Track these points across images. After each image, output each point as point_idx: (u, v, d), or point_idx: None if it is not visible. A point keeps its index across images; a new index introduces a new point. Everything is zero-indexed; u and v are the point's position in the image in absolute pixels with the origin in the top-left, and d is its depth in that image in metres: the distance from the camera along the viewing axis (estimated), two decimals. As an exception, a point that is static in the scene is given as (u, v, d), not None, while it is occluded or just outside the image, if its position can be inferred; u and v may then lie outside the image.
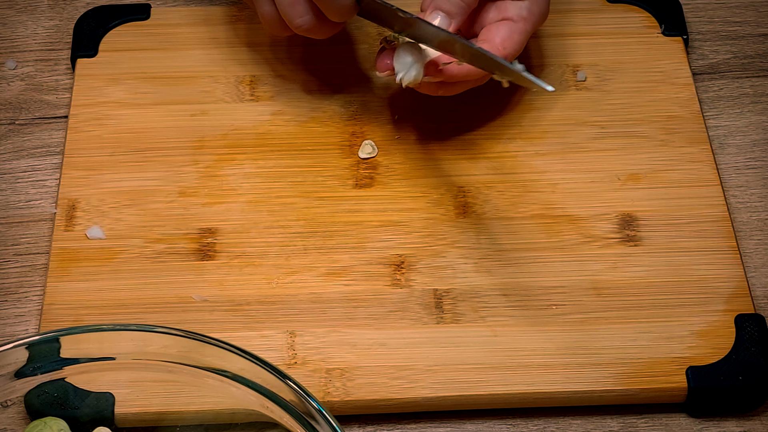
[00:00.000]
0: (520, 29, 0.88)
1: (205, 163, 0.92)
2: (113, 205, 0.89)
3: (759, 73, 0.98)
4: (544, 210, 0.89)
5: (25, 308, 0.86)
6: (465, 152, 0.92)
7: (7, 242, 0.89)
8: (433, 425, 0.82)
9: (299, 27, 0.87)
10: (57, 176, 0.92)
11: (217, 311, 0.84)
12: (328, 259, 0.87)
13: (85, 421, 0.78)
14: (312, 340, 0.83)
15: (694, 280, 0.85)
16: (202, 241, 0.88)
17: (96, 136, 0.93)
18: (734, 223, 0.89)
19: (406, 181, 0.90)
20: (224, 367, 0.73)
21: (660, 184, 0.90)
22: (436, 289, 0.85)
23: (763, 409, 0.82)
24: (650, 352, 0.82)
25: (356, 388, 0.81)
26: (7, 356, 0.73)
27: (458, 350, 0.82)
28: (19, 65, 0.99)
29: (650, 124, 0.93)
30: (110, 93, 0.95)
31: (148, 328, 0.74)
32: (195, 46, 0.98)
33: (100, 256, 0.87)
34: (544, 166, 0.91)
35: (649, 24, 0.99)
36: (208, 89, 0.96)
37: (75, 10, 1.01)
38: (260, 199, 0.90)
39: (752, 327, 0.83)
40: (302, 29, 0.87)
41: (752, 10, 1.02)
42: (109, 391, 0.79)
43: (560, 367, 0.82)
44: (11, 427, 0.78)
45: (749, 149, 0.94)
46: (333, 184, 0.90)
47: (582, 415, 0.82)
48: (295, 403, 0.72)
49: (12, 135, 0.95)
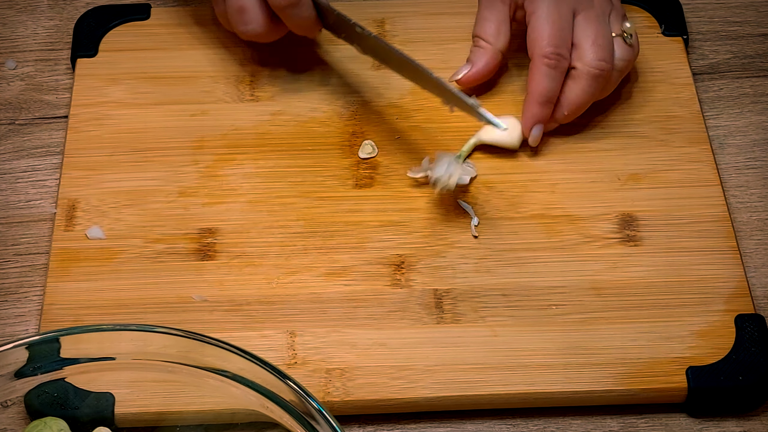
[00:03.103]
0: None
1: (205, 163, 0.92)
2: (113, 205, 0.89)
3: (759, 73, 0.98)
4: (544, 210, 0.89)
5: (25, 308, 0.86)
6: (465, 152, 0.92)
7: (7, 242, 0.89)
8: (433, 425, 0.82)
9: (243, 34, 0.91)
10: (57, 176, 0.92)
11: (217, 311, 0.84)
12: (328, 259, 0.87)
13: (85, 421, 0.78)
14: (312, 340, 0.83)
15: (694, 280, 0.85)
16: (202, 241, 0.88)
17: (96, 136, 0.93)
18: (734, 223, 0.89)
19: (406, 181, 0.90)
20: (224, 367, 0.73)
21: (660, 184, 0.90)
22: (436, 289, 0.85)
23: (763, 410, 0.82)
24: (650, 352, 0.82)
25: (356, 388, 0.81)
26: (7, 356, 0.73)
27: (458, 350, 0.82)
28: (19, 65, 0.99)
29: (650, 124, 0.93)
30: (110, 93, 0.95)
31: (148, 328, 0.74)
32: (195, 46, 0.98)
33: (100, 256, 0.87)
34: (544, 166, 0.91)
35: (649, 24, 0.99)
36: (208, 89, 0.96)
37: (75, 10, 1.01)
38: (260, 199, 0.90)
39: (752, 327, 0.83)
40: (245, 36, 0.91)
41: (752, 10, 1.02)
42: (109, 391, 0.79)
43: (560, 367, 0.82)
44: (11, 427, 0.78)
45: (749, 149, 0.94)
46: (333, 184, 0.90)
47: (582, 415, 0.82)
48: (295, 403, 0.72)
49: (12, 135, 0.95)
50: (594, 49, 0.89)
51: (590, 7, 0.90)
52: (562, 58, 0.89)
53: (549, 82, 0.89)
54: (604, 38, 0.90)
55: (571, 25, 0.90)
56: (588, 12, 0.90)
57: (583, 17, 0.90)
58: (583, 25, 0.90)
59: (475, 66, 0.92)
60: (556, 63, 0.89)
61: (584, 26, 0.90)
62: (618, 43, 0.91)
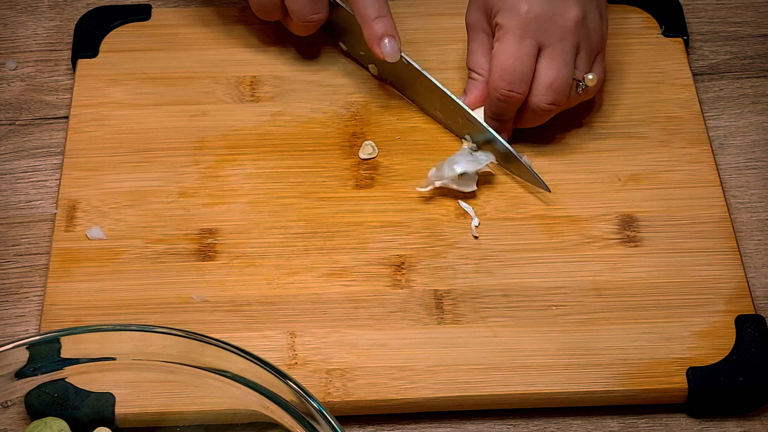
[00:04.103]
0: None
1: (205, 164, 0.92)
2: (114, 206, 0.89)
3: (759, 74, 0.98)
4: (544, 210, 0.89)
5: (25, 308, 0.86)
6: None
7: (7, 242, 0.89)
8: (433, 426, 0.82)
9: (310, 23, 0.92)
10: (57, 177, 0.92)
11: (217, 312, 0.84)
12: (329, 260, 0.87)
13: (86, 421, 0.78)
14: (312, 341, 0.83)
15: (695, 280, 0.85)
16: (202, 242, 0.88)
17: (96, 136, 0.93)
18: (734, 223, 0.89)
19: (407, 182, 0.90)
20: (224, 368, 0.73)
21: (660, 184, 0.90)
22: (436, 290, 0.85)
23: (763, 410, 0.82)
24: (651, 352, 0.82)
25: (357, 389, 0.81)
26: (8, 356, 0.73)
27: (459, 351, 0.82)
28: (19, 66, 0.99)
29: (650, 125, 0.93)
30: (111, 93, 0.95)
31: (149, 329, 0.74)
32: (195, 46, 0.98)
33: (100, 257, 0.87)
34: (545, 166, 0.91)
35: (649, 25, 0.99)
36: (208, 90, 0.96)
37: (75, 11, 1.01)
38: (261, 199, 0.90)
39: (753, 328, 0.83)
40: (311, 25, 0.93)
41: (752, 11, 1.02)
42: (110, 391, 0.79)
43: (561, 367, 0.82)
44: (11, 427, 0.78)
45: (749, 150, 0.94)
46: (333, 184, 0.90)
47: (582, 415, 0.82)
48: (295, 403, 0.72)
49: (12, 135, 0.95)
50: (547, 93, 0.87)
51: (560, 40, 0.87)
52: (515, 94, 0.87)
53: (499, 110, 0.89)
54: (561, 82, 0.87)
55: (533, 59, 0.87)
56: (554, 48, 0.87)
57: (548, 54, 0.87)
58: (545, 64, 0.87)
59: (468, 97, 0.91)
60: (506, 99, 0.87)
61: (546, 65, 0.87)
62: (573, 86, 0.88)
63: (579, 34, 0.87)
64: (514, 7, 0.87)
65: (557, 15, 0.87)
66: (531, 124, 0.90)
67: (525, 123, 0.90)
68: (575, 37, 0.87)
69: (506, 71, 0.87)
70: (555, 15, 0.87)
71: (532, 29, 0.87)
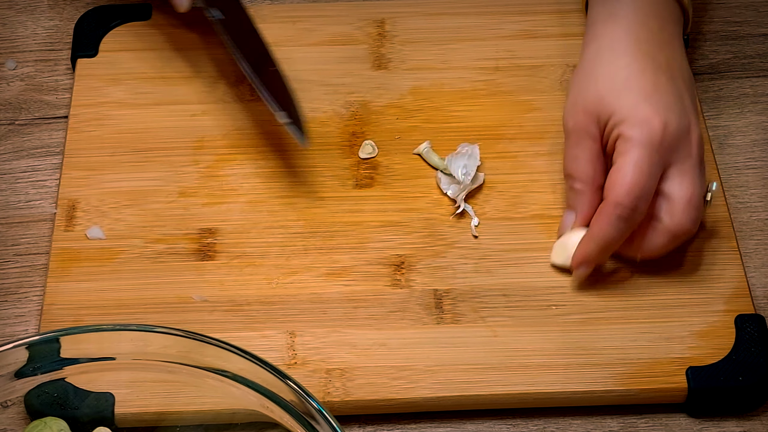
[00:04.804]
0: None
1: (205, 164, 0.92)
2: (113, 206, 0.89)
3: (759, 73, 0.98)
4: (544, 210, 0.89)
5: (25, 308, 0.86)
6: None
7: (7, 242, 0.89)
8: (433, 425, 0.82)
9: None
10: (57, 176, 0.92)
11: (217, 311, 0.84)
12: (329, 260, 0.87)
13: (85, 421, 0.78)
14: (312, 341, 0.83)
15: (694, 280, 0.85)
16: (202, 242, 0.88)
17: (96, 136, 0.93)
18: (734, 223, 0.89)
19: (406, 181, 0.90)
20: (224, 367, 0.73)
21: (660, 184, 0.90)
22: (436, 290, 0.85)
23: (763, 410, 0.82)
24: (650, 352, 0.82)
25: (356, 389, 0.81)
26: (7, 356, 0.73)
27: (458, 350, 0.82)
28: (19, 65, 0.99)
29: (650, 125, 0.93)
30: (110, 93, 0.95)
31: (148, 328, 0.74)
32: (195, 46, 0.98)
33: (100, 257, 0.87)
34: (544, 166, 0.91)
35: (649, 24, 0.99)
36: (208, 89, 0.96)
37: (75, 11, 1.01)
38: (260, 199, 0.90)
39: (752, 327, 0.83)
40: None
41: (752, 10, 1.02)
42: (109, 391, 0.79)
43: (560, 367, 0.82)
44: (11, 427, 0.78)
45: (749, 149, 0.94)
46: (333, 184, 0.90)
47: (582, 415, 0.82)
48: (295, 403, 0.72)
49: (12, 135, 0.95)
50: (688, 210, 0.82)
51: (688, 157, 0.82)
52: (637, 213, 0.81)
53: (613, 232, 0.82)
54: (698, 198, 0.83)
55: (658, 176, 0.82)
56: (684, 164, 0.82)
57: (677, 171, 0.82)
58: (679, 179, 0.82)
59: (579, 216, 0.85)
60: (628, 216, 0.81)
61: (681, 179, 0.82)
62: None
63: (702, 148, 0.84)
64: (646, 121, 0.81)
65: (687, 131, 0.83)
66: (659, 252, 0.84)
67: (653, 251, 0.84)
68: (700, 153, 0.83)
69: (635, 186, 0.80)
70: (685, 131, 0.83)
71: (666, 146, 0.82)
